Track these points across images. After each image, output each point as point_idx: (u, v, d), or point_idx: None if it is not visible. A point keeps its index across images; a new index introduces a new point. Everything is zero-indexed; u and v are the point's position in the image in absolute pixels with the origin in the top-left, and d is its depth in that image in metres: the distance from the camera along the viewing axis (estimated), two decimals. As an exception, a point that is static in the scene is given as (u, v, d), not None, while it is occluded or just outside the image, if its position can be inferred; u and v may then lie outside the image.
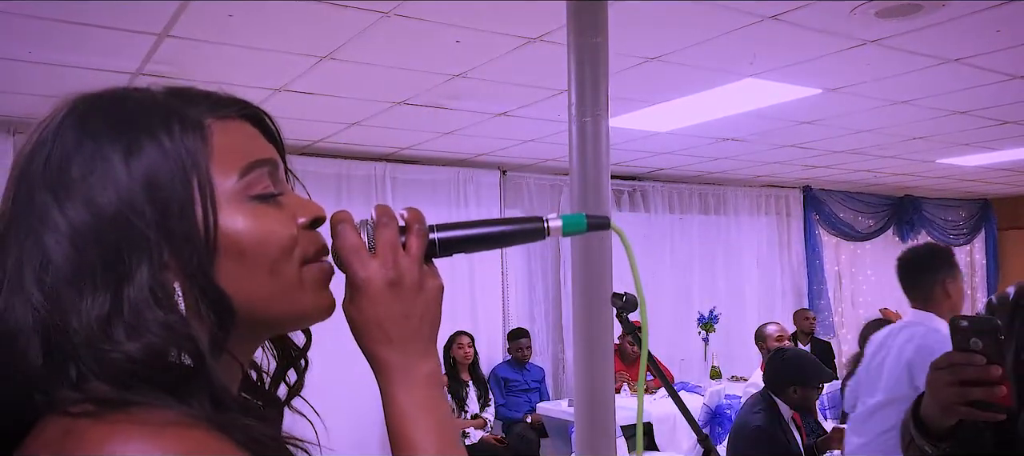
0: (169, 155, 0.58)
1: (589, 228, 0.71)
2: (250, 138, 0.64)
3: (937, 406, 1.17)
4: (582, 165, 2.45)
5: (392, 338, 0.65)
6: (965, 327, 1.14)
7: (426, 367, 0.66)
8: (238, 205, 0.60)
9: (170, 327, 0.54)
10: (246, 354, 0.65)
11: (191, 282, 0.56)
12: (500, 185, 6.49)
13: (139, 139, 0.57)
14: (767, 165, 6.79)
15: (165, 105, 0.61)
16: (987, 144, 5.98)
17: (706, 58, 3.51)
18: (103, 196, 0.55)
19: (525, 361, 6.13)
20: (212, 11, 2.78)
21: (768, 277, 8.11)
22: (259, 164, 0.62)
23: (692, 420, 1.67)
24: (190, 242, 0.57)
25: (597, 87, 2.44)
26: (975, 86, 4.15)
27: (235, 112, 0.64)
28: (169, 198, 0.57)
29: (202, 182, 0.58)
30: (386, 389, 0.65)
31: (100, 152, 0.57)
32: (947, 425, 1.19)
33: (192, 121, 0.60)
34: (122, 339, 0.53)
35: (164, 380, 0.53)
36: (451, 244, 0.68)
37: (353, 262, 0.64)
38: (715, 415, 5.19)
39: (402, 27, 2.99)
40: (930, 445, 1.22)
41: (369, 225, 0.66)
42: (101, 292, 0.54)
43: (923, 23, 3.10)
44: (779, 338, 5.31)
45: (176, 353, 0.54)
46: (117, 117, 0.59)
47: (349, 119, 4.59)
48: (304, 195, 0.68)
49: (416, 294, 0.65)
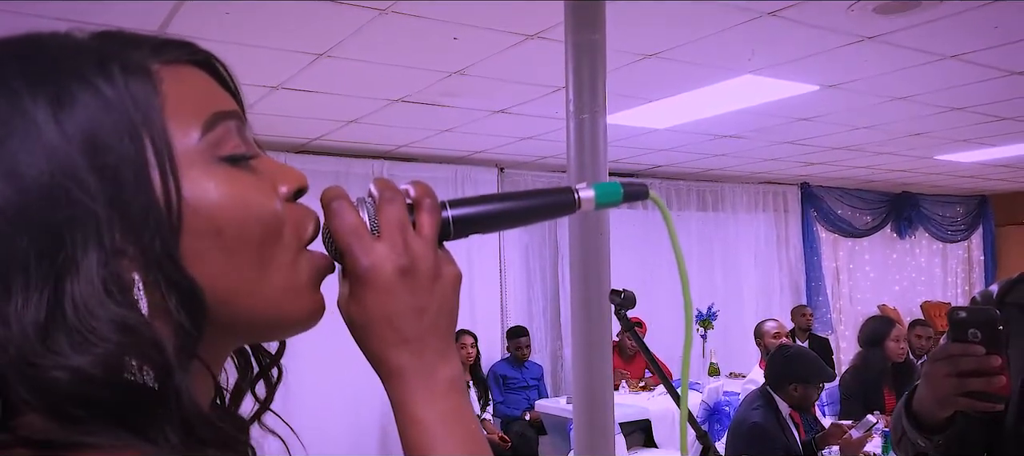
0: (112, 107, 0.44)
1: (625, 199, 0.62)
2: (208, 86, 0.51)
3: (934, 398, 1.17)
4: (580, 162, 2.45)
5: (407, 337, 0.52)
6: (963, 318, 1.13)
7: (447, 370, 0.54)
8: (206, 168, 0.47)
9: (129, 329, 0.41)
10: (217, 362, 0.52)
11: (154, 271, 0.43)
12: (498, 182, 6.49)
13: (70, 87, 0.44)
14: (765, 162, 6.80)
15: (97, 49, 0.47)
16: (985, 140, 5.99)
17: (704, 55, 3.51)
18: (29, 164, 0.42)
19: (524, 359, 6.12)
20: (208, 8, 2.77)
21: (766, 274, 8.12)
22: (224, 116, 0.49)
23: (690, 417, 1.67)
24: (149, 219, 0.43)
25: (595, 84, 2.44)
26: (972, 82, 4.15)
27: (185, 55, 0.50)
28: (117, 161, 0.43)
29: (157, 140, 0.45)
30: (401, 399, 0.53)
31: (19, 107, 0.43)
32: (941, 418, 1.19)
33: (136, 65, 0.47)
34: (65, 350, 0.40)
35: (121, 407, 0.41)
36: (468, 222, 0.56)
37: (354, 246, 0.51)
38: (713, 412, 5.19)
39: (399, 24, 2.98)
40: (923, 438, 1.22)
41: (369, 202, 0.54)
42: (36, 289, 0.41)
43: (920, 19, 3.10)
44: (777, 335, 5.31)
45: (136, 366, 0.41)
46: (36, 64, 0.45)
47: (346, 117, 4.58)
48: None
49: (432, 283, 0.53)
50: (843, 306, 8.84)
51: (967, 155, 6.66)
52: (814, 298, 8.22)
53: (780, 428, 3.32)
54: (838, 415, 4.75)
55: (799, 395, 3.39)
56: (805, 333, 6.82)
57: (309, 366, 4.45)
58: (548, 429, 5.68)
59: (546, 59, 3.41)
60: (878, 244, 9.14)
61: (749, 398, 3.55)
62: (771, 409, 3.37)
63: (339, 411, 5.34)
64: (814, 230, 8.43)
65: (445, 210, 0.56)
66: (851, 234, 8.76)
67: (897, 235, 9.22)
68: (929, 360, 1.18)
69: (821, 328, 7.83)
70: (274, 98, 3.97)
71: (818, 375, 3.43)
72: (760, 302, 7.90)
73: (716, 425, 5.08)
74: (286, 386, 0.60)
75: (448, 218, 0.55)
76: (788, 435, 3.34)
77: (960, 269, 9.95)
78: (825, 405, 5.03)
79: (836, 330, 8.47)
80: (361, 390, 5.29)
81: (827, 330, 8.03)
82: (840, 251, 8.87)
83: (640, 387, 5.84)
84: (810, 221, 8.39)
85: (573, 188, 0.60)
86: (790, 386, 3.38)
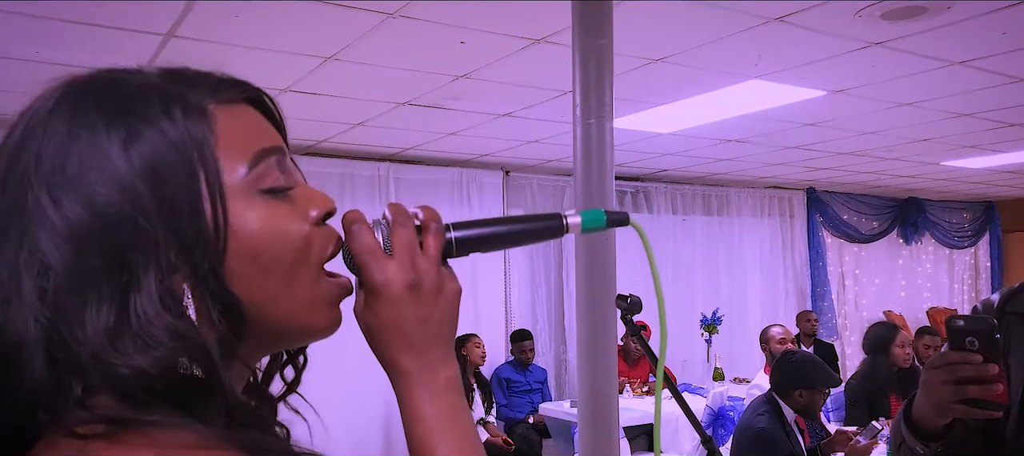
0: (172, 144, 0.52)
1: (608, 224, 0.69)
2: (255, 124, 0.59)
3: (932, 405, 1.18)
4: (586, 166, 2.45)
5: (413, 344, 0.61)
6: (961, 326, 1.14)
7: (446, 372, 0.63)
8: (248, 200, 0.55)
9: (181, 336, 0.49)
10: (253, 362, 0.61)
11: (202, 287, 0.52)
12: (503, 186, 6.50)
13: (138, 127, 0.52)
14: (771, 167, 6.79)
15: (163, 88, 0.55)
16: (992, 146, 5.97)
17: (710, 60, 3.51)
18: (103, 192, 0.50)
19: (528, 363, 6.12)
20: (218, 12, 2.79)
21: (771, 279, 8.10)
22: (268, 153, 0.57)
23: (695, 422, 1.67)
24: (200, 243, 0.52)
25: (601, 88, 2.45)
26: (980, 88, 4.14)
27: (238, 95, 0.59)
28: (175, 192, 0.52)
29: (210, 174, 0.53)
30: (406, 396, 0.62)
31: (96, 143, 0.51)
32: (939, 425, 1.20)
33: (194, 106, 0.55)
34: (130, 351, 0.48)
35: (176, 395, 0.49)
36: (468, 243, 0.66)
37: (370, 264, 0.60)
38: (718, 417, 5.18)
39: (407, 28, 2.99)
40: (921, 445, 1.23)
41: (383, 225, 0.62)
42: (106, 300, 0.49)
43: (928, 25, 3.10)
44: (782, 340, 5.30)
45: (187, 364, 0.50)
46: (112, 103, 0.53)
47: (354, 119, 4.59)
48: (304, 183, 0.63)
49: (435, 297, 0.62)
50: (849, 312, 8.82)
51: (974, 161, 6.63)
52: (819, 303, 8.19)
53: (785, 434, 3.32)
54: (843, 421, 4.74)
55: (804, 401, 3.38)
56: (810, 339, 6.80)
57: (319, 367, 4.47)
58: (552, 432, 5.68)
59: (553, 63, 3.41)
60: (884, 250, 9.11)
61: (754, 404, 3.55)
62: (776, 415, 3.36)
63: (344, 409, 5.36)
64: (820, 235, 8.40)
65: (449, 232, 0.64)
66: (857, 240, 8.74)
67: (903, 241, 9.19)
68: (927, 368, 1.19)
69: (826, 334, 7.81)
70: (282, 100, 3.92)
71: (824, 381, 3.42)
72: (765, 307, 7.89)
73: (721, 430, 5.07)
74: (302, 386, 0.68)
75: (451, 239, 0.64)
76: (793, 441, 3.33)
77: (966, 275, 9.91)
78: (830, 411, 5.02)
79: (841, 336, 8.44)
80: (365, 390, 5.31)
81: (832, 336, 8.00)
82: (846, 257, 8.85)
83: (644, 391, 5.83)
84: (816, 226, 8.37)
85: (562, 214, 0.68)
86: (795, 392, 3.37)
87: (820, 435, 3.80)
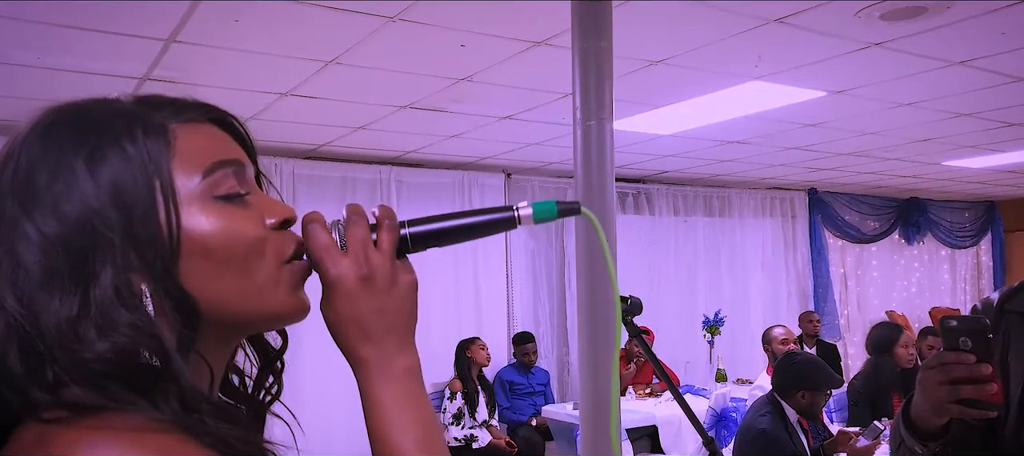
0: (132, 161, 0.58)
1: (559, 214, 0.71)
2: (215, 140, 0.64)
3: (928, 405, 1.19)
4: (586, 168, 2.45)
5: (370, 334, 0.65)
6: (955, 327, 1.15)
7: (404, 361, 0.66)
8: (202, 205, 0.60)
9: (136, 326, 0.55)
10: (221, 356, 0.65)
11: (156, 283, 0.57)
12: (504, 188, 6.50)
13: (102, 147, 0.58)
14: (772, 167, 6.79)
15: (129, 112, 0.62)
16: (993, 146, 5.97)
17: (711, 61, 3.51)
18: (69, 205, 0.57)
19: (531, 365, 6.12)
20: (219, 16, 2.79)
21: (773, 280, 8.10)
22: (223, 165, 0.62)
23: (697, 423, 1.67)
24: (153, 244, 0.57)
25: (602, 90, 2.44)
26: (980, 88, 4.14)
27: (201, 115, 0.65)
28: (132, 203, 0.57)
29: (165, 185, 0.59)
30: (364, 385, 0.65)
31: (64, 161, 0.58)
32: (937, 425, 1.21)
33: (155, 126, 0.61)
34: (92, 338, 0.54)
35: (135, 380, 0.54)
36: (423, 238, 0.68)
37: (324, 260, 0.64)
38: (720, 418, 5.17)
39: (408, 31, 3.00)
40: (920, 445, 1.24)
41: (340, 224, 0.66)
42: (69, 294, 0.55)
43: (928, 25, 3.10)
44: (785, 341, 5.29)
45: (146, 353, 0.55)
46: (81, 126, 0.60)
47: (355, 123, 4.60)
48: (277, 198, 0.68)
49: (389, 288, 0.65)
50: (850, 312, 8.81)
51: (975, 161, 6.63)
52: (821, 304, 8.18)
53: (788, 435, 3.31)
54: (846, 422, 4.74)
55: (807, 402, 3.38)
56: (813, 339, 6.79)
57: (310, 371, 4.48)
58: (554, 435, 5.68)
59: (553, 65, 3.42)
60: (886, 250, 9.10)
61: (756, 404, 3.54)
62: (779, 416, 3.36)
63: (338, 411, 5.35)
64: (822, 236, 8.40)
65: (403, 228, 0.67)
66: (859, 240, 8.73)
67: (905, 241, 9.18)
68: (923, 368, 1.21)
69: (829, 334, 7.80)
70: (283, 104, 4.00)
71: (826, 382, 3.42)
72: (767, 308, 7.88)
73: (723, 431, 5.06)
74: (292, 388, 0.72)
75: (405, 235, 0.67)
76: (796, 442, 3.33)
77: (968, 275, 9.90)
78: (833, 412, 5.01)
79: (843, 336, 8.43)
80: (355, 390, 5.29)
81: (835, 336, 7.99)
82: (848, 257, 8.84)
83: (646, 394, 5.83)
84: (817, 227, 8.36)
85: (514, 206, 0.70)
86: (798, 393, 3.37)
87: (823, 436, 3.79)
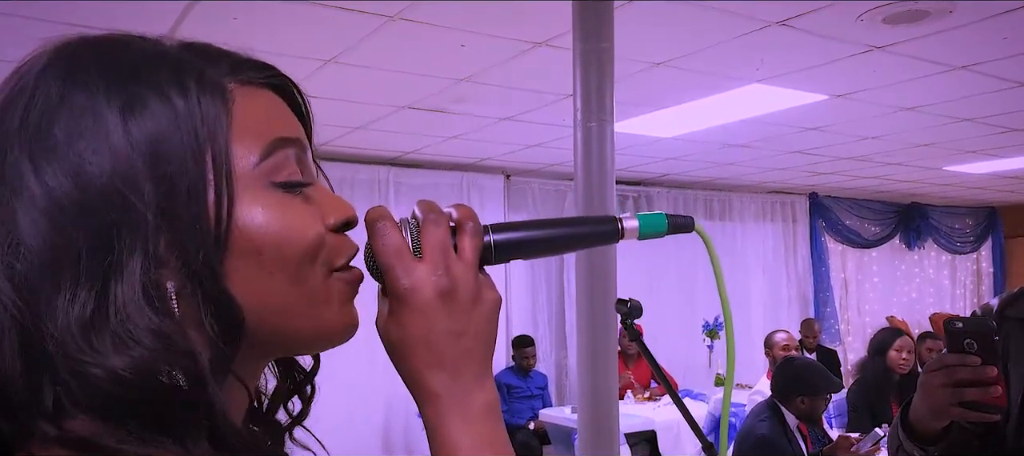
0: (181, 120, 0.46)
1: (669, 231, 0.61)
2: (278, 111, 0.53)
3: (930, 408, 1.17)
4: (587, 170, 2.44)
5: (444, 361, 0.52)
6: (959, 329, 1.13)
7: (483, 396, 0.54)
8: (258, 192, 0.48)
9: (164, 337, 0.43)
10: (252, 377, 0.53)
11: (193, 284, 0.45)
12: (504, 190, 6.49)
13: (144, 95, 0.46)
14: (773, 171, 6.77)
15: (178, 59, 0.49)
16: (994, 151, 5.96)
17: (712, 63, 3.50)
18: (93, 163, 0.44)
19: (529, 369, 6.10)
20: (217, 14, 2.78)
21: (774, 284, 8.08)
22: (286, 143, 0.50)
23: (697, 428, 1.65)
24: (197, 233, 0.45)
25: (602, 92, 2.43)
26: (982, 93, 4.13)
27: (262, 78, 0.52)
28: (176, 175, 0.45)
29: (219, 158, 0.46)
30: (436, 423, 0.53)
31: (93, 107, 0.45)
32: (937, 429, 1.19)
33: (211, 82, 0.48)
34: (107, 350, 0.41)
35: (154, 408, 0.42)
36: (509, 247, 0.57)
37: (396, 267, 0.52)
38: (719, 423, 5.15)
39: (407, 31, 2.98)
40: (919, 449, 1.22)
41: (411, 224, 0.54)
42: (83, 287, 0.42)
43: (930, 30, 3.09)
44: (786, 347, 5.27)
45: (168, 373, 0.43)
46: (116, 66, 0.47)
47: (354, 123, 4.59)
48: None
49: (471, 307, 0.53)
50: (851, 317, 8.80)
51: (976, 166, 6.62)
52: (822, 309, 8.17)
53: (787, 440, 3.30)
54: (846, 427, 4.71)
55: (806, 407, 3.36)
56: (813, 344, 6.78)
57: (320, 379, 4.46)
58: (552, 439, 5.66)
59: (554, 66, 3.40)
60: (887, 255, 9.09)
61: (756, 410, 3.53)
62: (778, 421, 3.35)
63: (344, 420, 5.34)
64: (822, 240, 8.39)
65: (487, 234, 0.56)
66: (859, 245, 8.72)
67: (906, 246, 9.17)
68: (925, 370, 1.18)
69: (829, 339, 7.79)
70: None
71: (825, 387, 3.40)
72: (768, 312, 7.87)
73: (722, 436, 5.04)
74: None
75: (490, 242, 0.56)
76: (795, 447, 3.31)
77: (969, 281, 9.89)
78: (833, 417, 4.99)
79: (844, 342, 8.42)
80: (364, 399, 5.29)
81: (835, 342, 7.98)
82: (848, 262, 8.83)
83: (645, 397, 5.81)
84: (818, 231, 8.35)
85: (618, 218, 0.60)
86: (797, 398, 3.36)
87: (822, 441, 3.78)
